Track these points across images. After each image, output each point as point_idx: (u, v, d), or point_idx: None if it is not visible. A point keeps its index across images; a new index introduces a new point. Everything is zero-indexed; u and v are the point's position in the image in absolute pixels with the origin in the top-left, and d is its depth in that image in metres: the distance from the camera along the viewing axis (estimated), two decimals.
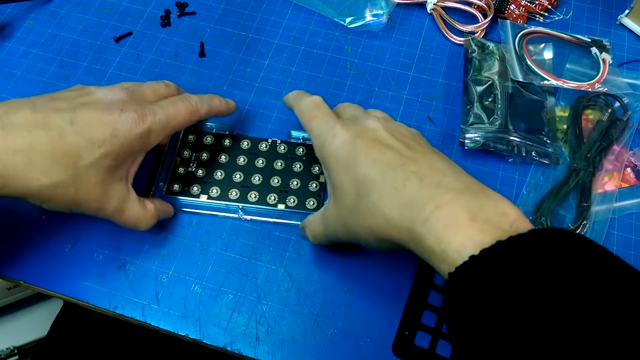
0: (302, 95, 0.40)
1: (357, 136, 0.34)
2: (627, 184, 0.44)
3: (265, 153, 0.44)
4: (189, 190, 0.42)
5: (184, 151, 0.43)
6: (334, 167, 0.34)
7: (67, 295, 0.39)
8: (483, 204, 0.28)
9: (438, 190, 0.29)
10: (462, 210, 0.28)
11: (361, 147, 0.33)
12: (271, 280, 0.40)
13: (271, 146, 0.44)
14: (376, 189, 0.31)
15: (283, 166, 0.43)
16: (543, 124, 0.46)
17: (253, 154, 0.44)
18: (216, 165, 0.43)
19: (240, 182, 0.42)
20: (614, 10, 0.54)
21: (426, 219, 0.28)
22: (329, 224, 0.36)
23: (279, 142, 0.44)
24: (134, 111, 0.34)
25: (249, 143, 0.44)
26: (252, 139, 0.44)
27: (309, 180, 0.42)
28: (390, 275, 0.40)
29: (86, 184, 0.33)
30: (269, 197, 0.42)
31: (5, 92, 0.49)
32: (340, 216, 0.34)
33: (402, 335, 0.38)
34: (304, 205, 0.42)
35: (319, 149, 0.36)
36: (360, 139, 0.33)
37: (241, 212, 0.42)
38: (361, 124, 0.35)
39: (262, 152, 0.44)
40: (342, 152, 0.34)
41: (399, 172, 0.31)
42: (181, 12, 0.54)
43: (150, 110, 0.35)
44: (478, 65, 0.49)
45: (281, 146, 0.44)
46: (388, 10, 0.52)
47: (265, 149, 0.44)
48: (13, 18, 0.53)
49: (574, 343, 0.21)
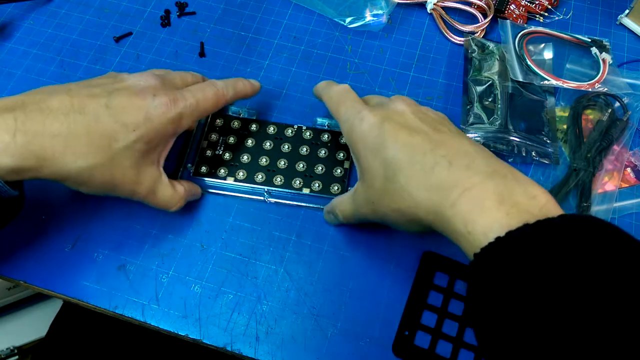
0: (331, 84, 0.41)
1: (385, 120, 0.34)
2: (627, 184, 0.44)
3: (291, 138, 0.45)
4: (215, 173, 0.43)
5: (212, 134, 0.44)
6: (363, 151, 0.34)
7: (67, 295, 0.39)
8: (512, 188, 0.28)
9: (466, 173, 0.29)
10: (490, 193, 0.28)
11: (389, 131, 0.33)
12: (271, 280, 0.40)
13: (297, 132, 0.45)
14: (404, 172, 0.31)
15: (308, 152, 0.44)
16: (543, 124, 0.46)
17: (279, 139, 0.44)
18: (243, 149, 0.44)
19: (266, 166, 0.43)
20: (614, 10, 0.54)
21: (454, 201, 0.28)
22: (358, 205, 0.36)
23: (305, 128, 0.45)
24: (166, 95, 0.35)
25: (275, 128, 0.45)
26: (279, 124, 0.45)
27: (333, 166, 0.43)
28: (390, 276, 0.40)
29: (121, 166, 0.34)
30: (294, 182, 0.42)
31: (5, 92, 0.49)
32: (369, 198, 0.34)
33: (402, 335, 0.38)
34: (328, 190, 0.42)
35: (348, 134, 0.36)
36: (388, 123, 0.34)
37: (267, 195, 0.42)
38: (389, 108, 0.35)
39: (288, 137, 0.45)
40: (371, 136, 0.34)
41: (428, 156, 0.31)
42: (181, 12, 0.54)
43: (181, 96, 0.36)
44: (478, 65, 0.49)
45: (307, 132, 0.45)
46: (388, 10, 0.52)
47: (291, 135, 0.45)
48: (13, 18, 0.53)
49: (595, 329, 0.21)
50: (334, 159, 0.44)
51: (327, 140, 0.45)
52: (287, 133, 0.45)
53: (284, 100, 0.48)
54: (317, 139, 0.45)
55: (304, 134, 0.45)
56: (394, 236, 0.42)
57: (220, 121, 0.45)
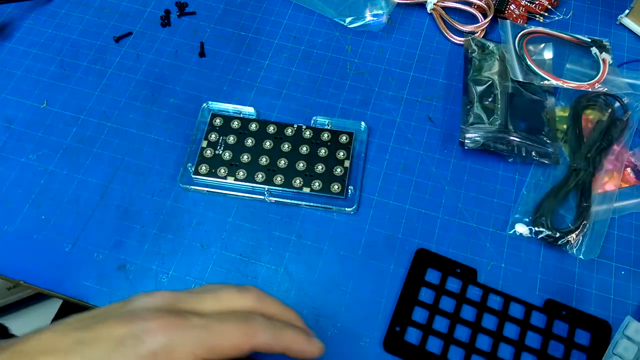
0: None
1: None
2: (627, 184, 0.44)
3: (291, 138, 0.45)
4: (216, 172, 0.43)
5: (212, 134, 0.45)
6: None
7: (67, 295, 0.39)
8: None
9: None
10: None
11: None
12: (271, 280, 0.40)
13: (297, 131, 0.45)
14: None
15: (308, 151, 0.44)
16: (543, 124, 0.46)
17: (279, 138, 0.44)
18: (243, 149, 0.44)
19: (266, 165, 0.43)
20: (614, 10, 0.54)
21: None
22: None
23: (305, 128, 0.45)
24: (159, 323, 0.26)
25: (275, 128, 0.45)
26: (278, 123, 0.45)
27: (333, 165, 0.43)
28: (390, 275, 0.40)
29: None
30: (294, 181, 0.42)
31: (5, 92, 0.49)
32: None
33: (393, 331, 0.38)
34: (328, 189, 0.42)
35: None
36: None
37: (267, 194, 0.42)
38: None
39: (288, 136, 0.45)
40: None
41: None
42: (181, 12, 0.54)
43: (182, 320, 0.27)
44: (478, 65, 0.49)
45: (307, 132, 0.45)
46: (388, 10, 0.52)
47: (291, 134, 0.45)
48: (13, 18, 0.53)
49: None
50: (334, 158, 0.44)
51: (327, 139, 0.45)
52: (287, 132, 0.45)
53: (284, 100, 0.48)
54: (317, 138, 0.45)
55: (303, 134, 0.45)
56: (394, 236, 0.42)
57: (220, 121, 0.45)
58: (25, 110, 0.48)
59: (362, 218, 0.42)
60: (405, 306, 0.39)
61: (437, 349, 0.37)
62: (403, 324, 0.38)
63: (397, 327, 0.38)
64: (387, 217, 0.42)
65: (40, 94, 0.48)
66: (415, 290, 0.39)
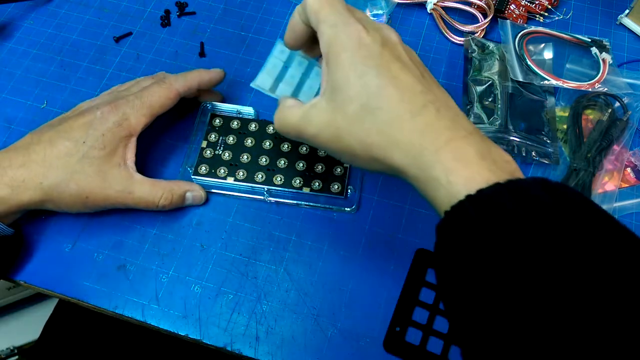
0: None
1: (381, 44, 0.31)
2: (627, 184, 0.44)
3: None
4: (215, 173, 0.43)
5: (211, 134, 0.45)
6: (345, 66, 0.30)
7: (67, 295, 0.39)
8: (490, 148, 0.28)
9: (453, 124, 0.29)
10: (473, 148, 0.28)
11: (384, 57, 0.30)
12: (271, 280, 0.40)
13: None
14: (391, 108, 0.29)
15: (308, 151, 0.44)
16: (543, 124, 0.46)
17: (278, 138, 0.44)
18: (242, 149, 0.44)
19: (266, 165, 0.43)
20: (614, 10, 0.54)
21: (438, 148, 0.28)
22: (312, 123, 0.32)
23: None
24: (108, 104, 0.40)
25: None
26: None
27: (333, 164, 0.43)
28: (390, 276, 0.40)
29: (84, 174, 0.38)
30: (294, 181, 0.42)
31: (5, 92, 0.49)
32: (333, 121, 0.31)
33: (393, 331, 0.38)
34: (328, 189, 0.42)
35: (331, 40, 0.31)
36: (385, 49, 0.31)
37: (267, 194, 0.42)
38: (382, 33, 0.32)
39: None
40: (361, 54, 0.30)
41: (419, 97, 0.30)
42: (181, 12, 0.54)
43: (123, 99, 0.40)
44: (478, 65, 0.49)
45: None
46: (388, 10, 0.52)
47: None
48: (13, 18, 0.53)
49: (558, 291, 0.22)
50: (333, 157, 0.44)
51: None
52: None
53: None
54: None
55: None
56: (394, 236, 0.42)
57: (219, 121, 0.45)
58: (25, 110, 0.48)
59: (362, 218, 0.42)
60: (405, 306, 0.39)
61: (437, 349, 0.37)
62: (403, 324, 0.38)
63: (397, 327, 0.38)
64: (387, 217, 0.42)
65: (40, 94, 0.48)
66: (415, 290, 0.39)
